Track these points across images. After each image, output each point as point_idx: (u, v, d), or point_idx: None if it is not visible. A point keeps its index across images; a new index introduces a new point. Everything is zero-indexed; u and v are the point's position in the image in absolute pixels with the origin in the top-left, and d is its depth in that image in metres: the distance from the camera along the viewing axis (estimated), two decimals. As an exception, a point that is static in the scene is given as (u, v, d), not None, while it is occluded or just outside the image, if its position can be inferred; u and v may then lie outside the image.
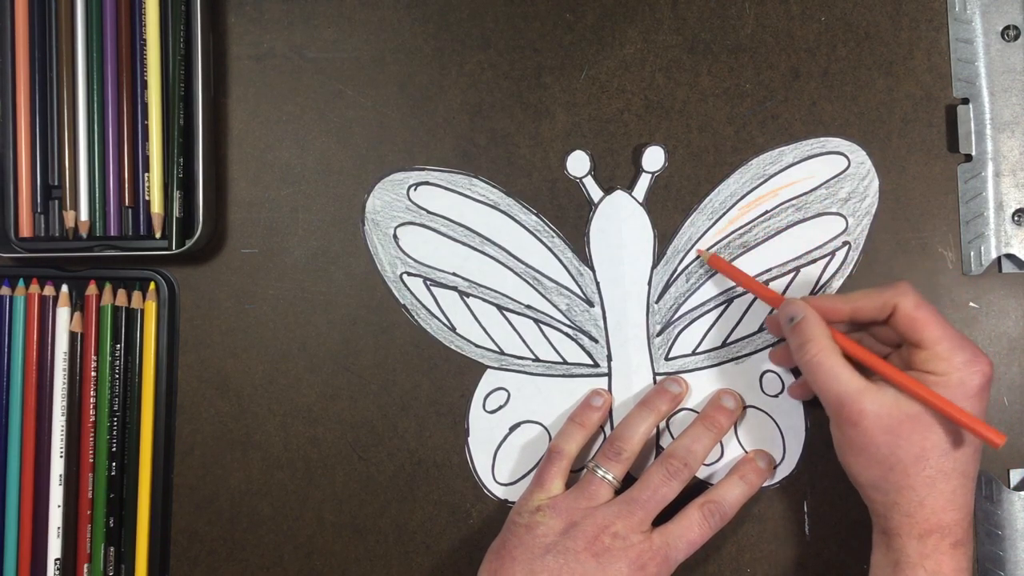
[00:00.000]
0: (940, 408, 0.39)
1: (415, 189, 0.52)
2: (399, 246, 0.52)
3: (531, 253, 0.51)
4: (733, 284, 0.49)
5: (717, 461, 0.49)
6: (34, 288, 0.52)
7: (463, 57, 0.52)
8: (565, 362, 0.51)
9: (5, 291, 0.52)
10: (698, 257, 0.49)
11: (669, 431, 0.50)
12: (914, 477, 0.40)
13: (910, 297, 0.41)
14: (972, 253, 0.48)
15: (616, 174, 0.51)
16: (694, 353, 0.50)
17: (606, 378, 0.50)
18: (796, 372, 0.49)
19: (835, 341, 0.42)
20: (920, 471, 0.40)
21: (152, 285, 0.52)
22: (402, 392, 0.52)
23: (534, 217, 0.51)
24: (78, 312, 0.52)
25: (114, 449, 0.52)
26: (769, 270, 0.49)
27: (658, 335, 0.50)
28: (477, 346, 0.51)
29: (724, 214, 0.50)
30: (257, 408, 0.52)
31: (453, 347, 0.51)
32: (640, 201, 0.50)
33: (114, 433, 0.52)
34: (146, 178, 0.52)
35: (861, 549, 0.48)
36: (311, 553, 0.52)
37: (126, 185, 0.52)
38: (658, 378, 0.50)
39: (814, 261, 0.49)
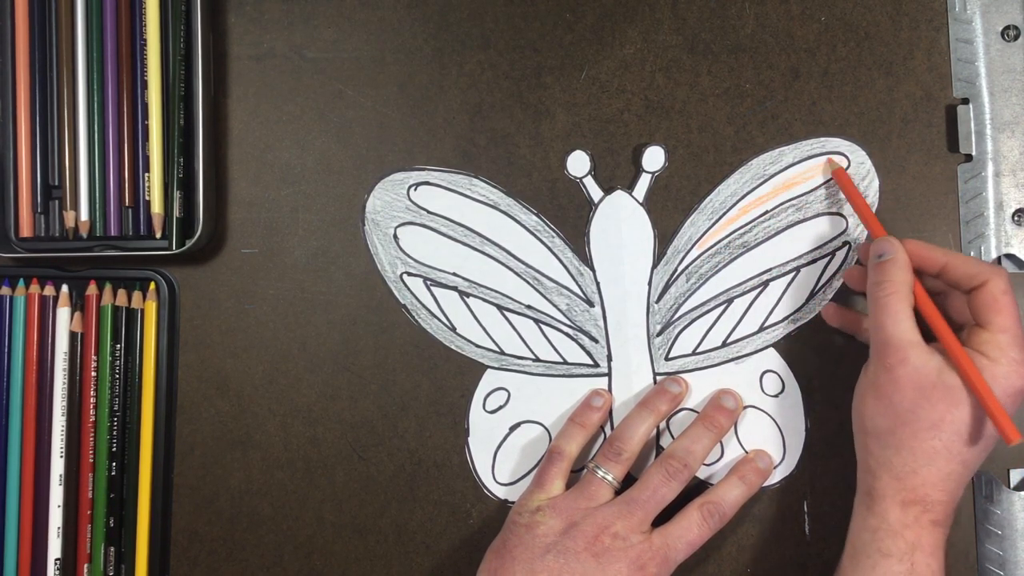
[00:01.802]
0: (976, 386, 0.39)
1: (415, 189, 0.52)
2: (399, 246, 0.52)
3: (531, 253, 0.51)
4: (733, 284, 0.49)
5: (717, 461, 0.49)
6: (34, 288, 0.52)
7: (463, 57, 0.52)
8: (565, 362, 0.51)
9: (5, 291, 0.52)
10: (705, 250, 0.49)
11: (669, 431, 0.50)
12: (921, 441, 0.40)
13: (1004, 279, 0.41)
14: (972, 253, 0.48)
15: (616, 174, 0.51)
16: (694, 353, 0.50)
17: (606, 378, 0.50)
18: (795, 369, 0.49)
19: (912, 291, 0.42)
20: (928, 439, 0.40)
21: (152, 285, 0.52)
22: (402, 392, 0.52)
23: (534, 217, 0.51)
24: (78, 312, 0.52)
25: (114, 449, 0.52)
26: (769, 270, 0.49)
27: (658, 335, 0.50)
28: (477, 346, 0.51)
29: (724, 214, 0.50)
30: (257, 408, 0.52)
31: (453, 347, 0.51)
32: (640, 201, 0.50)
33: (114, 433, 0.52)
34: (146, 178, 0.52)
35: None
36: (311, 553, 0.52)
37: (126, 185, 0.52)
38: (658, 378, 0.50)
39: (814, 261, 0.49)
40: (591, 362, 0.50)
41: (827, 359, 0.49)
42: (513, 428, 0.51)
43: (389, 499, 0.52)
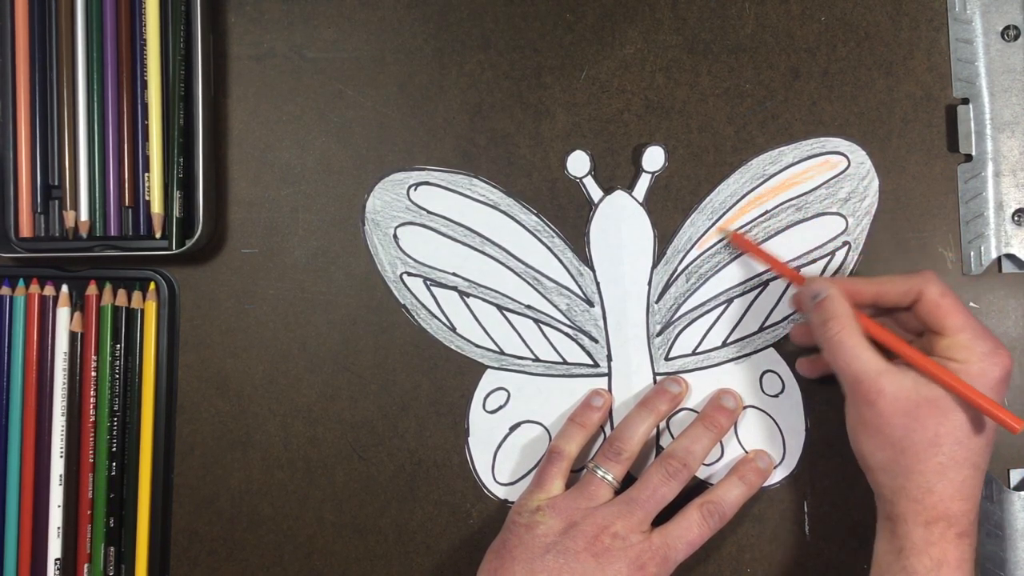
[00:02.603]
0: (961, 392, 0.39)
1: (415, 189, 0.52)
2: (399, 246, 0.52)
3: (531, 253, 0.51)
4: (733, 284, 0.49)
5: (717, 461, 0.49)
6: (34, 288, 0.52)
7: (463, 57, 0.52)
8: (565, 362, 0.51)
9: (5, 291, 0.52)
10: (705, 251, 0.49)
11: (669, 431, 0.50)
12: (925, 462, 0.40)
13: (935, 285, 0.41)
14: (972, 253, 0.48)
15: (616, 174, 0.51)
16: (694, 353, 0.50)
17: (606, 378, 0.50)
18: (796, 372, 0.49)
19: (858, 321, 0.42)
20: (932, 456, 0.40)
21: (152, 285, 0.52)
22: (402, 392, 0.52)
23: (534, 217, 0.51)
24: (78, 312, 0.52)
25: (114, 449, 0.52)
26: (769, 270, 0.49)
27: (658, 335, 0.50)
28: (477, 346, 0.51)
29: (724, 214, 0.50)
30: (257, 408, 0.52)
31: (453, 347, 0.51)
32: (640, 201, 0.50)
33: (114, 433, 0.52)
34: (146, 178, 0.52)
35: (861, 549, 0.48)
36: (311, 553, 0.52)
37: (126, 185, 0.52)
38: (658, 378, 0.50)
39: (814, 261, 0.49)
40: (591, 362, 0.50)
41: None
42: (513, 428, 0.51)
43: (389, 499, 0.52)
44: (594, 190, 0.50)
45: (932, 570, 0.40)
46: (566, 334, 0.51)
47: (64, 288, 0.52)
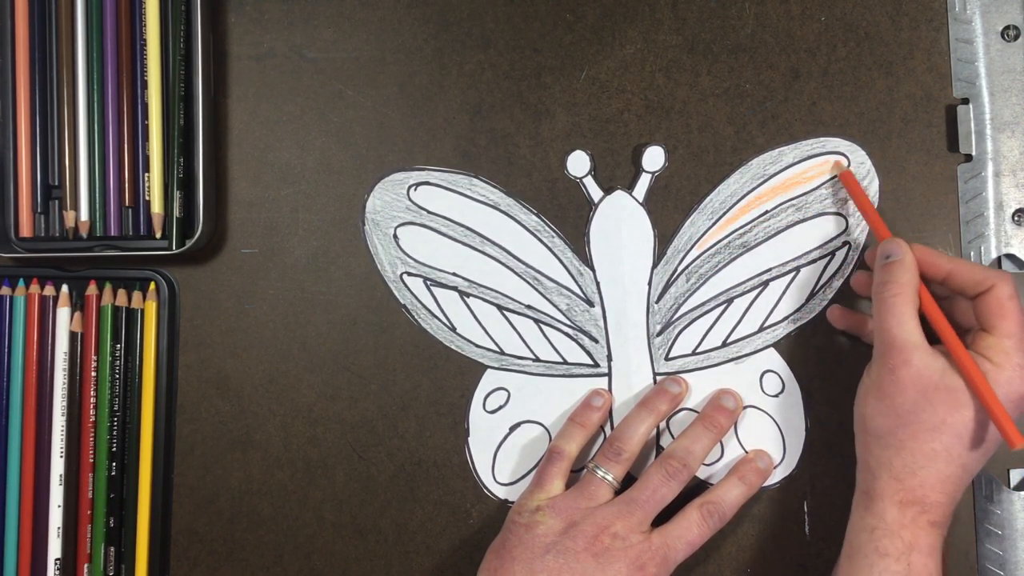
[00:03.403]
0: (981, 391, 0.39)
1: (415, 189, 0.52)
2: (399, 246, 0.52)
3: (531, 253, 0.51)
4: (733, 284, 0.49)
5: (717, 461, 0.49)
6: (34, 288, 0.52)
7: (463, 57, 0.52)
8: (565, 362, 0.51)
9: (5, 291, 0.52)
10: (705, 250, 0.49)
11: (669, 431, 0.50)
12: (921, 443, 0.40)
13: (1010, 284, 0.41)
14: (972, 253, 0.48)
15: (616, 174, 0.51)
16: (694, 353, 0.50)
17: (606, 378, 0.50)
18: (795, 369, 0.49)
19: (917, 293, 0.42)
20: (929, 440, 0.40)
21: (152, 285, 0.52)
22: (402, 392, 0.52)
23: (534, 217, 0.51)
24: (78, 312, 0.52)
25: (114, 449, 0.52)
26: (769, 270, 0.49)
27: (658, 335, 0.50)
28: (477, 346, 0.51)
29: (724, 214, 0.50)
30: (257, 408, 0.52)
31: (453, 347, 0.51)
32: (640, 201, 0.50)
33: (114, 433, 0.52)
34: (146, 178, 0.52)
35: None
36: (311, 553, 0.52)
37: (126, 185, 0.52)
38: (658, 378, 0.50)
39: (814, 261, 0.49)
40: (591, 362, 0.50)
41: (827, 359, 0.49)
42: (513, 428, 0.51)
43: (389, 499, 0.52)
44: (594, 190, 0.50)
45: (904, 553, 0.40)
46: (566, 334, 0.51)
47: (64, 288, 0.52)
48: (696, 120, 0.50)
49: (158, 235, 0.51)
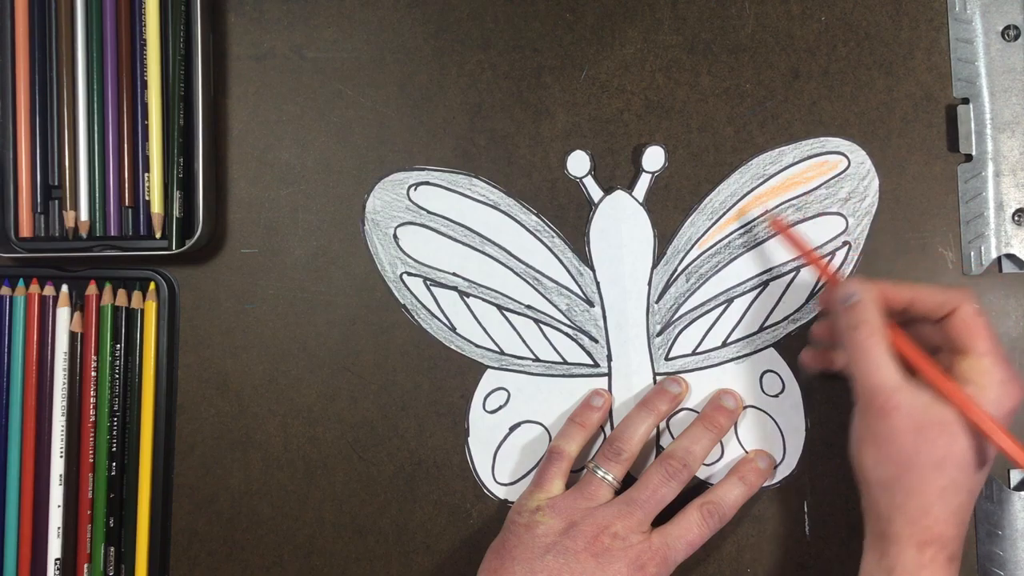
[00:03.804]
0: (976, 418, 0.39)
1: (415, 189, 0.52)
2: (399, 246, 0.52)
3: (531, 253, 0.51)
4: (733, 284, 0.49)
5: (717, 461, 0.49)
6: (34, 288, 0.52)
7: (463, 57, 0.52)
8: (565, 362, 0.51)
9: (5, 291, 0.52)
10: (705, 250, 0.49)
11: (669, 431, 0.50)
12: (928, 483, 0.39)
13: (972, 303, 0.41)
14: (972, 253, 0.48)
15: (616, 174, 0.51)
16: (694, 353, 0.50)
17: (606, 378, 0.50)
18: (796, 369, 0.49)
19: (886, 330, 0.41)
20: (936, 479, 0.39)
21: (152, 285, 0.52)
22: (402, 392, 0.52)
23: (534, 217, 0.51)
24: (78, 312, 0.52)
25: (114, 449, 0.52)
26: (769, 270, 0.49)
27: (658, 335, 0.50)
28: (477, 346, 0.51)
29: (724, 214, 0.50)
30: (257, 408, 0.52)
31: (453, 347, 0.51)
32: (640, 201, 0.50)
33: (114, 433, 0.52)
34: (146, 178, 0.52)
35: (861, 549, 0.48)
36: (311, 553, 0.52)
37: (126, 185, 0.52)
38: (658, 378, 0.50)
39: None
40: (591, 362, 0.50)
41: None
42: (513, 428, 0.51)
43: (389, 499, 0.52)
44: (594, 190, 0.50)
45: None
46: (566, 334, 0.51)
47: (64, 288, 0.52)
48: (696, 120, 0.50)
49: (158, 235, 0.51)
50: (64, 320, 0.52)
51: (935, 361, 0.41)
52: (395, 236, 0.52)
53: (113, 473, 0.52)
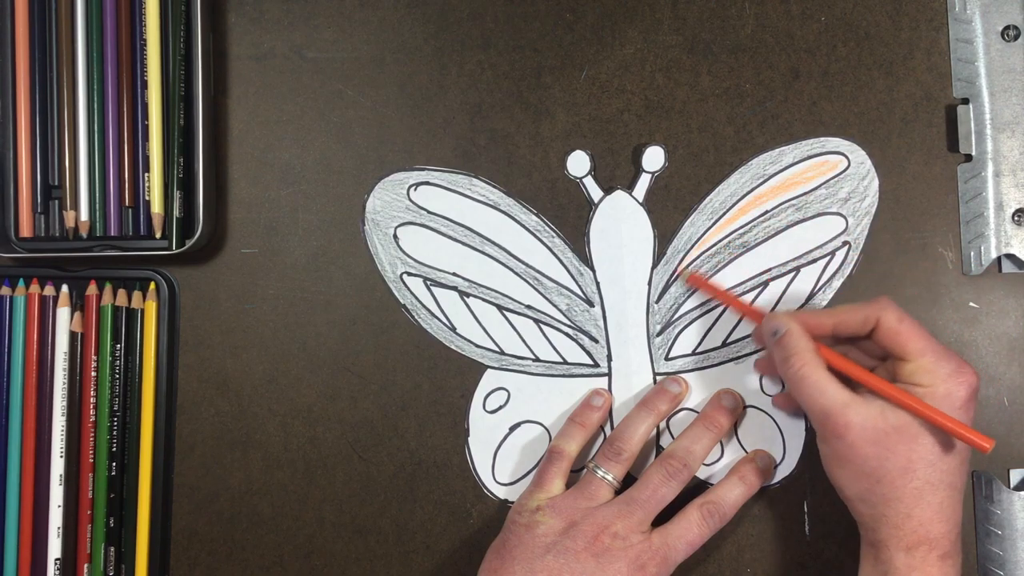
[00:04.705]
0: (928, 416, 0.39)
1: (415, 189, 0.52)
2: (399, 246, 0.52)
3: (531, 253, 0.51)
4: (733, 284, 0.49)
5: (717, 461, 0.49)
6: (34, 288, 0.52)
7: (463, 57, 0.52)
8: (565, 362, 0.51)
9: (5, 291, 0.52)
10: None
11: (669, 431, 0.50)
12: (901, 489, 0.40)
13: (892, 311, 0.42)
14: (972, 253, 0.48)
15: (616, 174, 0.51)
16: (694, 353, 0.50)
17: (606, 378, 0.50)
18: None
19: (819, 354, 0.42)
20: (907, 483, 0.40)
21: (152, 285, 0.52)
22: (402, 392, 0.52)
23: (534, 217, 0.51)
24: (78, 312, 0.52)
25: (114, 449, 0.52)
26: (769, 270, 0.49)
27: (658, 335, 0.50)
28: (477, 346, 0.51)
29: (724, 214, 0.50)
30: (257, 408, 0.52)
31: (453, 347, 0.51)
32: (640, 201, 0.50)
33: (114, 433, 0.52)
34: (146, 178, 0.52)
35: (860, 549, 0.48)
36: (311, 553, 0.52)
37: (126, 185, 0.52)
38: (658, 378, 0.50)
39: (814, 261, 0.49)
40: (591, 362, 0.50)
41: (827, 359, 0.49)
42: (513, 428, 0.51)
43: (389, 499, 0.52)
44: (594, 190, 0.50)
45: None
46: (566, 334, 0.51)
47: (64, 288, 0.52)
48: (696, 120, 0.50)
49: (158, 235, 0.51)
50: (64, 320, 0.52)
51: (875, 371, 0.42)
52: (395, 236, 0.52)
53: (113, 473, 0.52)
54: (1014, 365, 0.48)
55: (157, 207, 0.51)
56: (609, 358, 0.50)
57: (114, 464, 0.52)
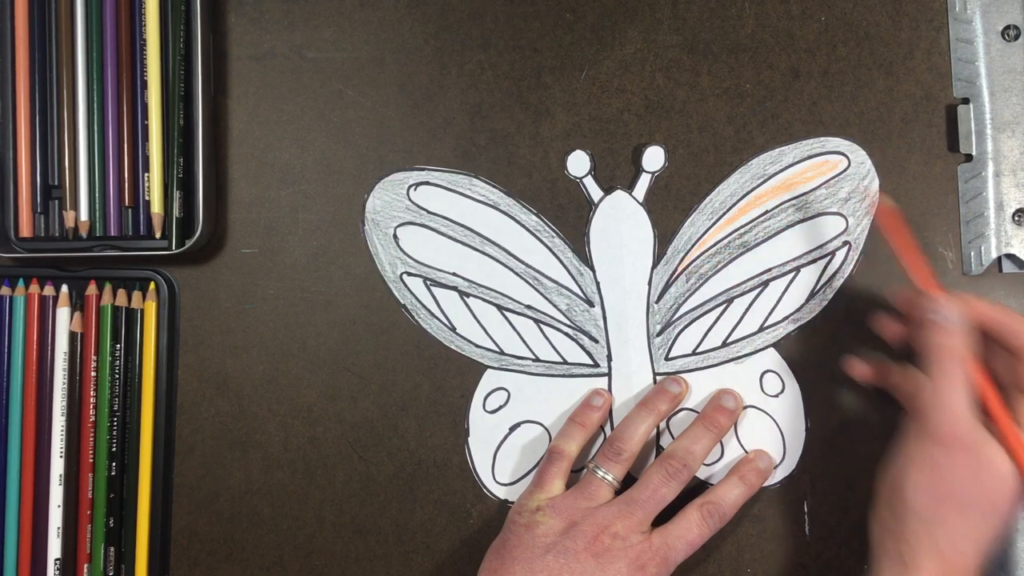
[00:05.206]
0: None
1: (415, 189, 0.52)
2: (399, 246, 0.52)
3: (531, 253, 0.51)
4: (733, 284, 0.49)
5: (717, 461, 0.49)
6: (34, 288, 0.52)
7: (463, 57, 0.52)
8: (565, 362, 0.51)
9: (5, 291, 0.52)
10: (705, 250, 0.49)
11: (669, 431, 0.50)
12: (968, 524, 0.39)
13: None
14: (972, 253, 0.48)
15: (616, 174, 0.51)
16: (694, 353, 0.50)
17: (606, 378, 0.50)
18: (795, 369, 0.49)
19: (970, 360, 0.40)
20: (976, 522, 0.39)
21: (152, 285, 0.52)
22: (402, 392, 0.52)
23: (534, 217, 0.51)
24: (78, 312, 0.52)
25: (114, 449, 0.52)
26: (769, 270, 0.49)
27: (658, 335, 0.50)
28: (477, 346, 0.51)
29: (724, 214, 0.50)
30: (257, 408, 0.52)
31: (453, 347, 0.51)
32: (640, 201, 0.50)
33: (114, 433, 0.52)
34: (146, 178, 0.52)
35: (861, 549, 0.48)
36: (311, 553, 0.52)
37: (126, 185, 0.52)
38: (658, 378, 0.50)
39: (814, 261, 0.49)
40: (591, 362, 0.50)
41: (827, 359, 0.49)
42: (513, 428, 0.51)
43: (389, 499, 0.52)
44: (594, 190, 0.50)
45: None
46: (566, 334, 0.51)
47: (64, 288, 0.52)
48: (696, 120, 0.50)
49: (158, 235, 0.51)
50: (64, 320, 0.52)
51: (1006, 404, 0.40)
52: (395, 236, 0.52)
53: (113, 473, 0.52)
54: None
55: (157, 207, 0.51)
56: (609, 358, 0.50)
57: (114, 464, 0.52)
